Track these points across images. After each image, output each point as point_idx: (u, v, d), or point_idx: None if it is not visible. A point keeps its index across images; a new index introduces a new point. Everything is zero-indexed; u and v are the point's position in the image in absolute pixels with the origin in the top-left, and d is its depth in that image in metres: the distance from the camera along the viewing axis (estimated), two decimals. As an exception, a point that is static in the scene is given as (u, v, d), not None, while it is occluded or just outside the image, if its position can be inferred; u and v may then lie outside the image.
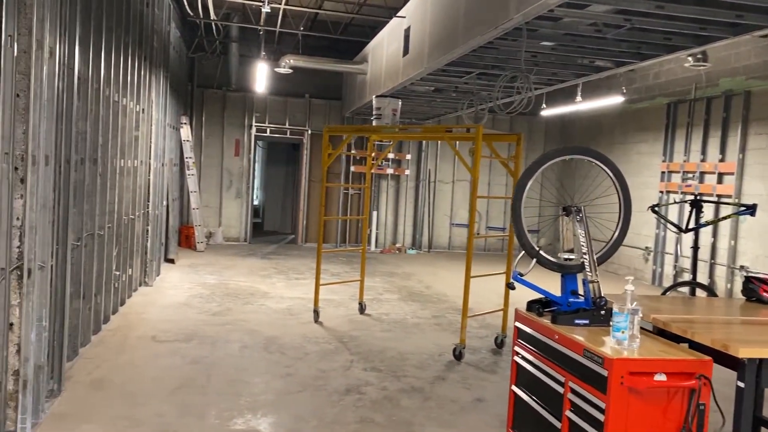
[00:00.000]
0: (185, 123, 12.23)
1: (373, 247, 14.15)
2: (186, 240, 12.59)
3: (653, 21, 5.14)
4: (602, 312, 3.50)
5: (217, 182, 13.61)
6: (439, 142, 14.54)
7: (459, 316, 7.82)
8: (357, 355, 5.99)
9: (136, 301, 7.64)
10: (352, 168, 14.02)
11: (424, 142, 14.43)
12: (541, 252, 3.57)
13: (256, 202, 19.38)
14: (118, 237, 6.89)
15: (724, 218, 7.53)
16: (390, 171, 14.34)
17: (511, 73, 6.23)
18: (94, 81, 5.58)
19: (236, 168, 13.69)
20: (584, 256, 3.58)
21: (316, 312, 7.23)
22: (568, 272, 3.65)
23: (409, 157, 14.43)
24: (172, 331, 6.45)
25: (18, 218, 3.77)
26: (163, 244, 10.42)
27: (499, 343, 6.59)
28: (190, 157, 12.30)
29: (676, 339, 3.36)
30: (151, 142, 8.52)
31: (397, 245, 14.41)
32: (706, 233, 9.66)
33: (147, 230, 8.55)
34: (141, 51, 7.64)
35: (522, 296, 3.81)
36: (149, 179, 8.53)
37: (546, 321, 3.57)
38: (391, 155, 14.27)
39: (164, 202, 10.20)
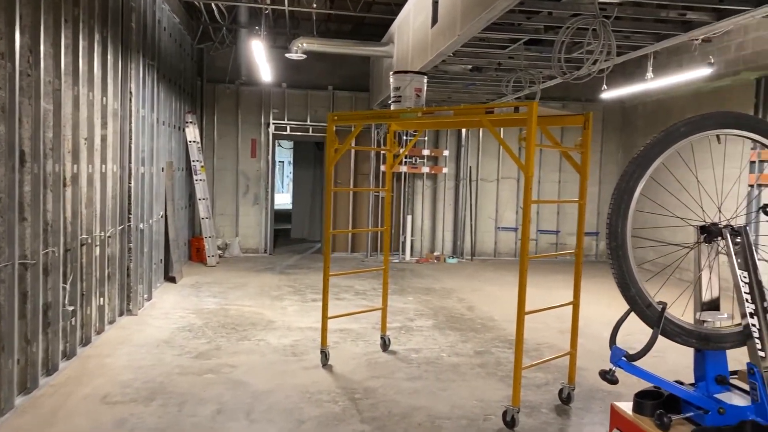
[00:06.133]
0: (191, 122, 10.84)
1: (408, 257, 12.51)
2: (197, 254, 11.22)
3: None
4: (794, 430, 1.84)
5: (232, 187, 12.19)
6: (481, 133, 12.82)
7: (509, 353, 6.16)
8: (370, 424, 4.38)
9: (108, 338, 6.21)
10: (383, 167, 12.42)
11: (463, 134, 12.72)
12: (667, 314, 1.94)
13: (288, 207, 17.98)
14: (72, 262, 5.46)
15: None
16: (425, 170, 12.67)
17: (579, 21, 4.50)
18: (7, 60, 4.15)
19: (253, 171, 12.24)
20: (750, 318, 1.92)
21: (324, 353, 5.65)
22: (715, 348, 2.00)
23: (446, 153, 12.74)
24: (134, 385, 4.96)
25: None
26: (162, 261, 9.05)
27: (566, 398, 4.88)
28: (198, 161, 10.91)
29: None
30: (130, 142, 7.10)
31: (436, 253, 12.73)
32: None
33: (129, 249, 7.14)
34: (106, 30, 6.21)
35: (597, 318, 2.14)
36: (129, 187, 7.11)
37: (679, 443, 1.92)
38: (426, 152, 12.62)
39: (161, 213, 8.82)
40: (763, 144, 2.14)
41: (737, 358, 2.63)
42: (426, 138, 12.71)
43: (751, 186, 9.24)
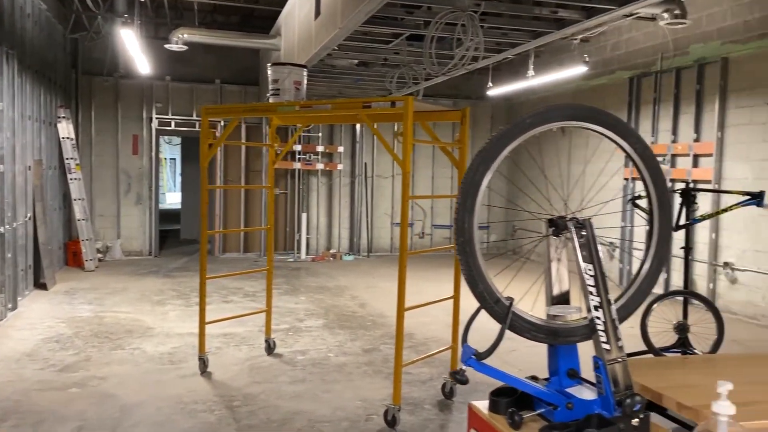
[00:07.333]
0: (64, 117, 10.09)
1: (303, 255, 12.30)
2: (74, 258, 10.47)
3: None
4: (634, 423, 1.84)
5: (112, 187, 11.48)
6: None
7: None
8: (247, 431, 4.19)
9: (-40, 355, 5.62)
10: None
11: (358, 131, 12.66)
12: (515, 309, 1.90)
13: (179, 207, 17.24)
14: None
15: (725, 210, 5.99)
16: (320, 166, 12.50)
17: (447, 15, 4.49)
18: None
19: (135, 169, 11.58)
20: (595, 311, 1.92)
21: (202, 360, 5.37)
22: (564, 342, 1.99)
23: (341, 149, 12.63)
24: (-16, 405, 4.50)
25: None
26: (30, 267, 8.34)
27: (449, 393, 4.88)
28: (73, 158, 10.18)
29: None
30: (-14, 138, 6.47)
31: (332, 251, 12.60)
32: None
33: (-13, 255, 6.51)
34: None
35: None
36: (-14, 188, 6.48)
37: (529, 441, 1.88)
38: (320, 148, 12.44)
39: (28, 215, 8.13)
40: (605, 136, 2.16)
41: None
42: (320, 134, 12.54)
43: (627, 179, 9.76)
